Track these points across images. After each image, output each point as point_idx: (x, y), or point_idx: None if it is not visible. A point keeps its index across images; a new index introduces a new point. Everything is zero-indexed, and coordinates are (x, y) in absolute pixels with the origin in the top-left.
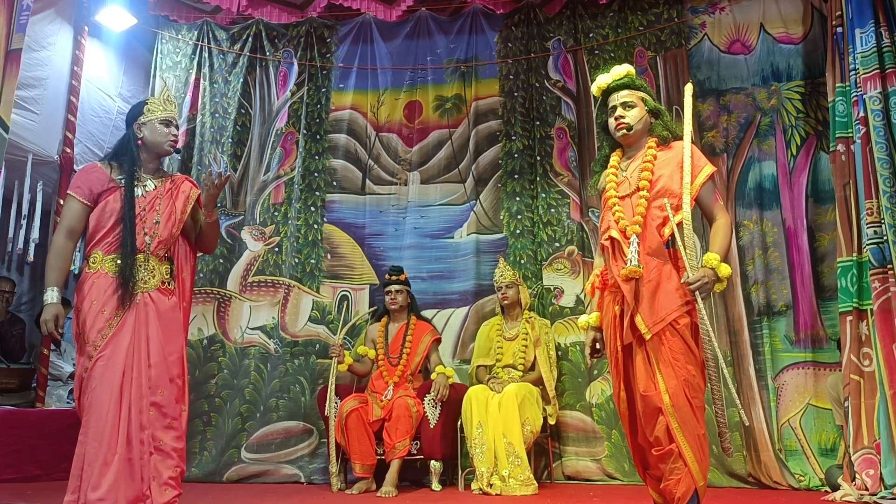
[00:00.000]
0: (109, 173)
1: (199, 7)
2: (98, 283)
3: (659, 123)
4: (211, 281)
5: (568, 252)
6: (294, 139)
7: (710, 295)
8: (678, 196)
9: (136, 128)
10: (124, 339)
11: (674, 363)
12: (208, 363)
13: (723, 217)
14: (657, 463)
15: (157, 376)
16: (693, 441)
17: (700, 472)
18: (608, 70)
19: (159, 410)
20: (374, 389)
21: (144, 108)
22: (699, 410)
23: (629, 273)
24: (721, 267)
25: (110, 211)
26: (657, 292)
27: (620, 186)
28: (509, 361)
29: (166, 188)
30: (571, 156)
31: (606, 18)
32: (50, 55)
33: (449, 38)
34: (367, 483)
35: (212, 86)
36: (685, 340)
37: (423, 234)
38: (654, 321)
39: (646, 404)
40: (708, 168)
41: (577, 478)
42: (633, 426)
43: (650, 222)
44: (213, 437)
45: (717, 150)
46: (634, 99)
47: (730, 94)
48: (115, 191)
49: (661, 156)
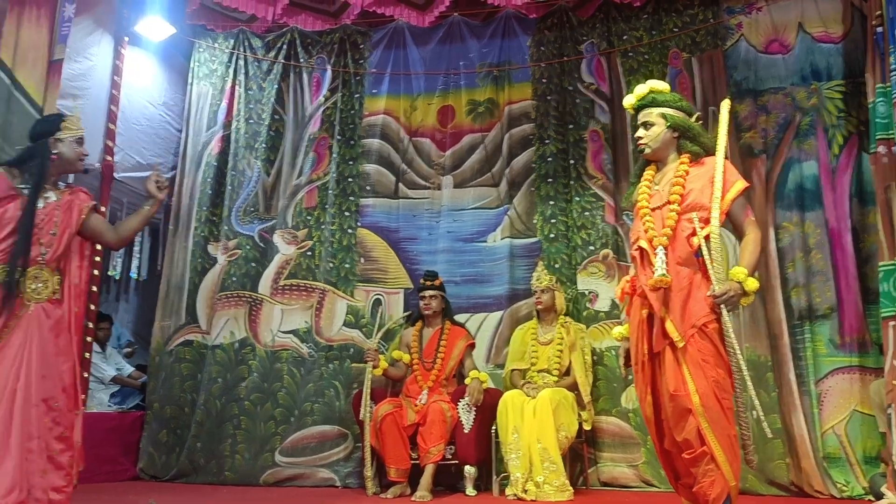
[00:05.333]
0: (10, 180)
1: (235, 16)
2: None
3: (686, 142)
4: (243, 284)
5: (603, 255)
6: (327, 144)
7: (736, 308)
8: (708, 210)
9: (51, 142)
10: (11, 349)
11: (703, 365)
12: (239, 366)
13: (753, 232)
14: (688, 467)
15: (51, 387)
16: (724, 441)
17: (731, 473)
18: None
19: (53, 420)
20: (408, 394)
21: (62, 125)
22: (729, 411)
23: (656, 282)
24: (748, 281)
25: (8, 219)
26: (688, 300)
27: (652, 199)
28: (544, 366)
29: (64, 200)
30: (606, 158)
31: (640, 20)
32: (91, 65)
33: (482, 43)
34: (401, 487)
35: (247, 92)
36: (714, 343)
37: (457, 238)
38: (686, 328)
39: (675, 405)
40: (740, 183)
41: (614, 484)
42: (659, 431)
43: (680, 234)
44: (245, 441)
45: (756, 151)
46: (654, 117)
47: (768, 95)
48: (15, 199)
49: (693, 171)
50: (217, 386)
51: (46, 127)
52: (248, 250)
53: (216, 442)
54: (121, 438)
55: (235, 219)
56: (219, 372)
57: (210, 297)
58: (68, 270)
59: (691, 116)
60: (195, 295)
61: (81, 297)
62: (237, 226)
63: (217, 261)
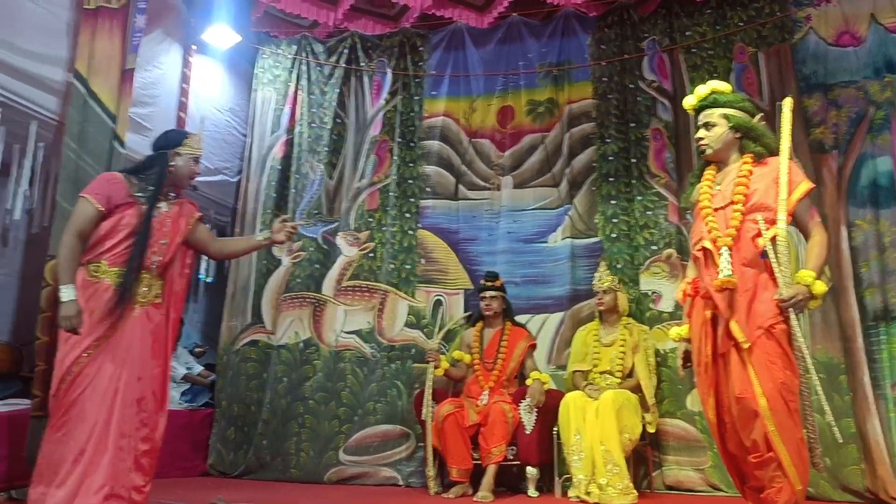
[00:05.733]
0: (129, 187)
1: (297, 22)
2: (101, 292)
3: (749, 142)
4: (307, 286)
5: (666, 255)
6: (388, 147)
7: (803, 312)
8: (773, 211)
9: (171, 155)
10: (118, 349)
11: (770, 366)
12: (304, 366)
13: (819, 234)
14: (754, 470)
15: (144, 388)
16: (791, 445)
17: (798, 477)
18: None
19: (141, 421)
20: (469, 394)
21: (184, 141)
22: (796, 413)
23: (722, 283)
24: (816, 284)
25: (126, 225)
26: (754, 301)
27: (714, 199)
28: (606, 367)
29: (174, 210)
30: (668, 157)
31: (704, 16)
32: (161, 74)
33: (541, 43)
34: (463, 487)
35: (309, 97)
36: (781, 345)
37: (517, 238)
38: (752, 329)
39: (742, 407)
40: (805, 184)
41: (679, 488)
42: (722, 434)
43: (745, 234)
44: (310, 439)
45: (826, 146)
46: (716, 118)
47: (838, 89)
48: (133, 206)
49: (757, 171)
50: (282, 385)
51: (169, 140)
52: (312, 252)
53: (282, 440)
54: (191, 435)
55: (300, 221)
56: (284, 371)
57: (275, 298)
58: (170, 277)
59: (754, 116)
60: (260, 296)
61: (179, 302)
62: (301, 228)
63: (281, 263)
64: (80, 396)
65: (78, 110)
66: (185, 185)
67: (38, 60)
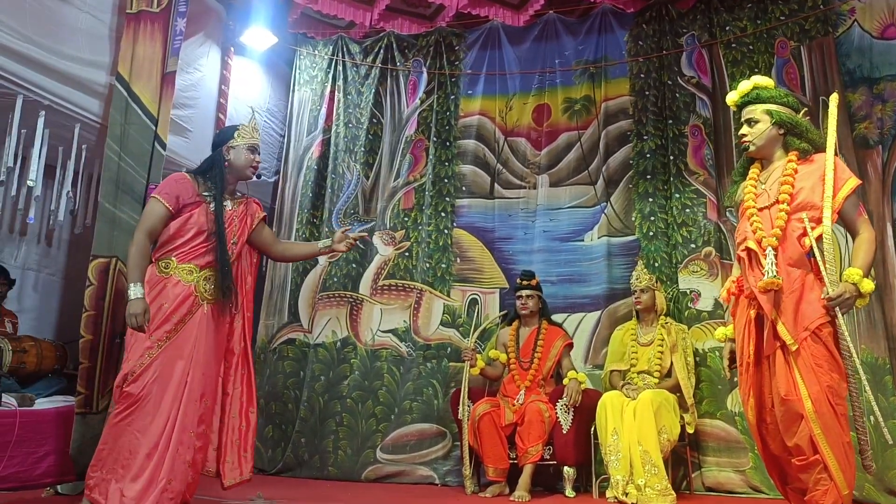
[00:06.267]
0: (196, 187)
1: (333, 23)
2: (170, 287)
3: (794, 139)
4: (344, 285)
5: (705, 253)
6: (423, 146)
7: (850, 310)
8: (819, 209)
9: (224, 150)
10: (186, 345)
11: (816, 369)
12: (341, 365)
13: (867, 231)
14: (798, 473)
15: (206, 385)
16: (837, 449)
17: (844, 481)
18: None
19: (200, 417)
20: (505, 393)
21: (235, 133)
22: (843, 417)
23: (767, 285)
24: (863, 282)
25: (193, 223)
26: (800, 302)
27: (759, 198)
28: (644, 367)
29: (240, 210)
30: (707, 153)
31: (744, 10)
32: (201, 76)
33: (577, 40)
34: (500, 487)
35: (345, 97)
36: (828, 347)
37: (553, 237)
38: (799, 331)
39: (786, 409)
40: (852, 181)
41: (719, 489)
42: (763, 435)
43: (790, 234)
44: (347, 437)
45: (871, 142)
46: (759, 114)
47: (884, 83)
48: (200, 205)
49: (802, 169)
50: (320, 383)
51: (221, 137)
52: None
53: (319, 438)
54: None
55: (336, 221)
56: (321, 370)
57: (311, 296)
58: (240, 275)
59: (798, 112)
60: (297, 295)
61: (250, 301)
62: (337, 227)
63: (318, 261)
64: (151, 389)
65: (120, 113)
66: (247, 176)
67: (81, 64)
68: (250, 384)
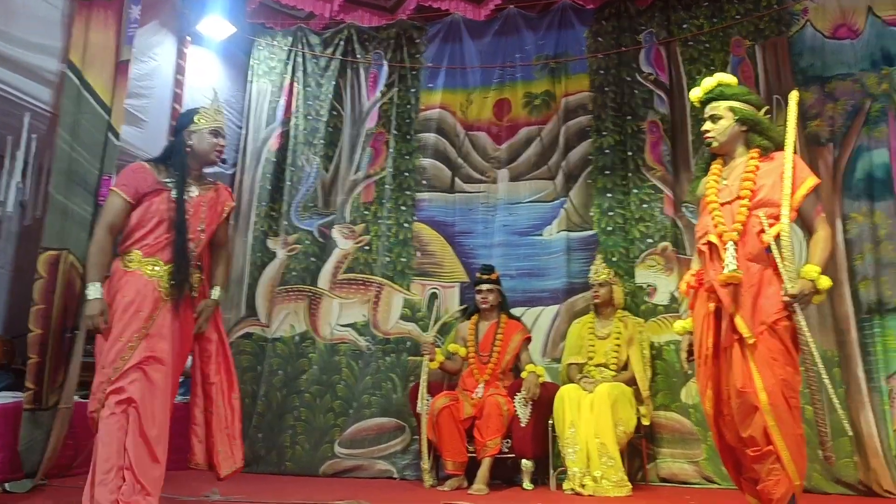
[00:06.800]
0: (156, 175)
1: (293, 14)
2: (134, 282)
3: (755, 136)
4: (303, 279)
5: (661, 248)
6: (384, 139)
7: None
8: (778, 206)
9: (185, 135)
10: (166, 342)
11: (772, 363)
12: (299, 359)
13: (823, 229)
14: (752, 463)
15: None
16: (790, 440)
17: (796, 472)
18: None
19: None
20: (464, 387)
21: (195, 118)
22: (796, 410)
23: (728, 278)
24: (821, 279)
25: (154, 212)
26: (758, 297)
27: (721, 193)
28: (601, 360)
29: (209, 196)
30: (664, 150)
31: (701, 8)
32: (156, 65)
33: (538, 35)
34: (458, 480)
35: (305, 89)
36: (783, 342)
37: (513, 231)
38: (756, 325)
39: (742, 401)
40: (811, 180)
41: (673, 480)
42: (718, 427)
43: (750, 229)
44: (305, 432)
45: (822, 139)
46: (722, 111)
47: (835, 81)
48: (161, 193)
49: (764, 166)
50: (278, 378)
51: (182, 121)
52: (307, 245)
53: (277, 433)
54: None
55: (295, 214)
56: (279, 364)
57: (269, 290)
58: (207, 265)
59: (760, 110)
60: (255, 288)
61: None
62: (296, 221)
63: (276, 255)
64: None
65: (72, 101)
66: (212, 161)
67: (31, 50)
68: (230, 370)
